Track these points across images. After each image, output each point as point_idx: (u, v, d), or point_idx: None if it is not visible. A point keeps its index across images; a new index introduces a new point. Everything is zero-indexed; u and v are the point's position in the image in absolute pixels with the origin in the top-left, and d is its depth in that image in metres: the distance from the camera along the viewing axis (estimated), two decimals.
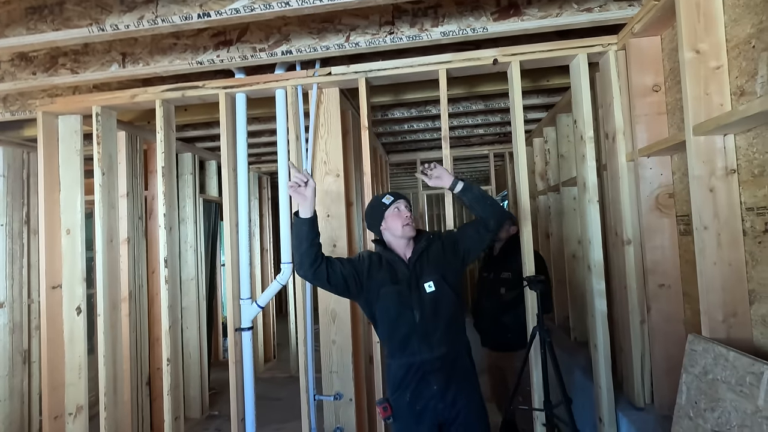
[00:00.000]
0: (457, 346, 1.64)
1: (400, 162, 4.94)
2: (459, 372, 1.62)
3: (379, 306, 1.63)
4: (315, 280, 1.60)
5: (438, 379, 1.59)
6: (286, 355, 5.01)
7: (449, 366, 1.60)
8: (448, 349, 1.61)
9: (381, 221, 1.69)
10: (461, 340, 1.67)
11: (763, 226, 1.31)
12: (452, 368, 1.61)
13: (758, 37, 1.28)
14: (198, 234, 3.71)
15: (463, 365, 1.64)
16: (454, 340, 1.63)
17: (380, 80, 2.21)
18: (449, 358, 1.61)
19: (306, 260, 1.54)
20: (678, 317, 1.79)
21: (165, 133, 2.29)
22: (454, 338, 1.63)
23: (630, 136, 1.91)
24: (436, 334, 1.60)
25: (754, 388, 1.14)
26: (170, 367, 2.23)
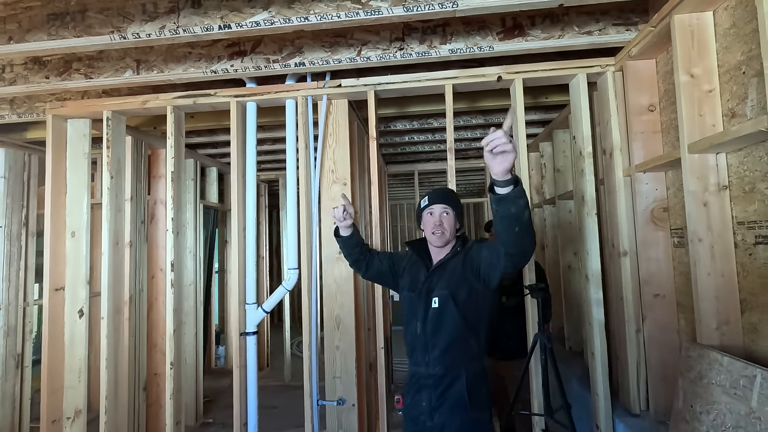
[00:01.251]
0: (456, 370, 1.50)
1: (397, 173, 5.02)
2: (451, 399, 1.49)
3: (401, 306, 1.69)
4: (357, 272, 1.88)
5: (428, 396, 1.52)
6: (279, 363, 4.99)
7: (443, 388, 1.50)
8: (445, 372, 1.51)
9: (420, 221, 1.66)
10: (464, 366, 1.50)
11: (754, 239, 1.40)
12: (445, 392, 1.50)
13: (748, 64, 1.38)
14: (198, 240, 3.73)
15: (458, 393, 1.48)
16: (453, 364, 1.50)
17: (388, 93, 2.29)
18: (444, 381, 1.50)
19: (349, 260, 1.83)
20: (672, 326, 1.87)
21: (175, 139, 2.33)
22: (453, 361, 1.50)
23: (626, 152, 2.01)
24: (433, 352, 1.52)
25: (747, 390, 1.21)
26: (173, 371, 2.24)
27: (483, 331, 1.53)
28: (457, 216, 1.62)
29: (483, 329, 1.53)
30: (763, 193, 1.35)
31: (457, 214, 1.62)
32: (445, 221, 1.58)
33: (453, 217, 1.60)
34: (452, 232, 1.60)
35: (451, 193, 1.68)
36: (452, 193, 1.68)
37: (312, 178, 2.28)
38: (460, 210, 1.64)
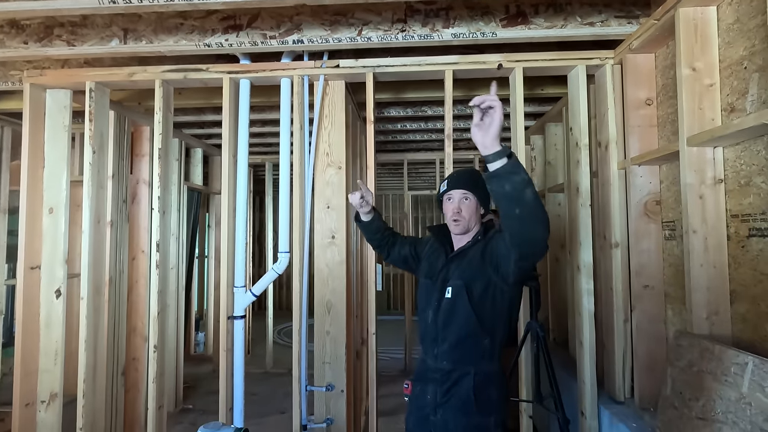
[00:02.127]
0: (464, 368, 1.42)
1: (386, 162, 4.98)
2: (456, 398, 1.41)
3: (417, 293, 1.64)
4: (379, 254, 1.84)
5: (434, 391, 1.45)
6: (261, 351, 4.94)
7: (449, 385, 1.43)
8: (453, 368, 1.43)
9: (441, 206, 1.57)
10: (474, 364, 1.42)
11: (747, 232, 1.43)
12: (450, 389, 1.42)
13: (750, 59, 1.40)
14: (181, 223, 3.62)
15: (464, 393, 1.40)
16: (462, 361, 1.43)
17: (387, 76, 2.25)
18: (451, 377, 1.43)
19: (372, 244, 1.85)
20: (660, 317, 1.91)
21: (164, 115, 2.24)
22: (462, 358, 1.43)
23: (622, 145, 2.03)
24: (443, 345, 1.45)
25: (738, 377, 1.25)
26: (157, 354, 2.17)
27: (500, 331, 1.43)
28: (481, 201, 1.50)
29: (500, 329, 1.43)
30: (758, 186, 1.38)
31: (480, 199, 1.50)
32: (465, 208, 1.47)
33: (475, 203, 1.48)
34: (474, 219, 1.49)
35: (473, 175, 1.53)
36: (475, 175, 1.52)
37: (306, 161, 2.23)
38: (483, 194, 1.49)
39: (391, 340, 5.55)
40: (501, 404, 1.44)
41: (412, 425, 1.53)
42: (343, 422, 2.17)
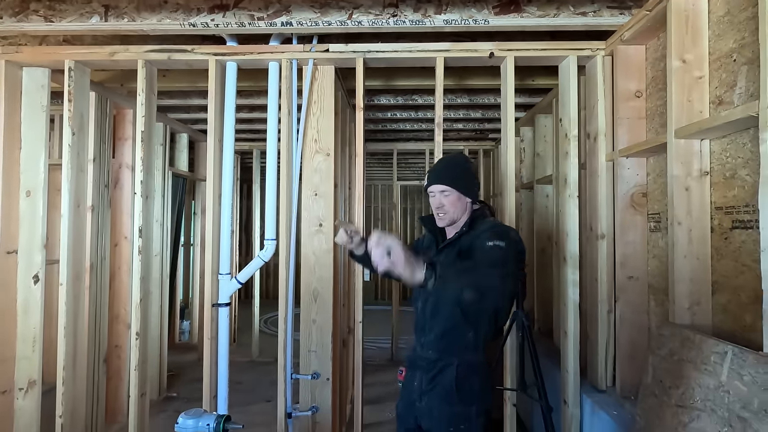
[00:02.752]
0: (448, 358, 1.44)
1: (375, 151, 4.94)
2: (440, 386, 1.43)
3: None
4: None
5: (420, 378, 1.48)
6: (246, 339, 4.91)
7: (434, 373, 1.45)
8: (438, 357, 1.45)
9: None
10: (457, 355, 1.43)
11: (730, 224, 1.45)
12: (435, 377, 1.44)
13: (740, 52, 1.41)
14: (165, 209, 3.55)
15: (447, 382, 1.42)
16: (446, 351, 1.45)
17: (377, 62, 2.21)
18: (436, 366, 1.45)
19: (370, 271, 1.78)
20: (643, 308, 1.94)
21: (146, 97, 2.17)
22: (447, 349, 1.45)
23: (611, 137, 2.04)
24: (429, 335, 1.48)
25: (717, 366, 1.27)
26: (139, 341, 2.13)
27: (484, 325, 1.44)
28: (465, 192, 1.46)
29: (485, 323, 1.44)
30: (743, 179, 1.39)
31: (463, 191, 1.46)
32: (447, 202, 1.46)
33: (456, 196, 1.46)
34: (460, 210, 1.47)
35: (453, 166, 1.50)
36: (455, 166, 1.50)
37: (294, 147, 2.19)
38: (465, 184, 1.47)
39: (379, 329, 5.57)
40: (483, 394, 1.46)
41: (401, 409, 1.57)
42: (329, 410, 2.17)
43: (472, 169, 1.56)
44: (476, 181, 1.54)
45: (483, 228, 1.42)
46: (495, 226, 1.43)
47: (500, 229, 1.42)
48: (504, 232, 1.38)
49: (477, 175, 1.53)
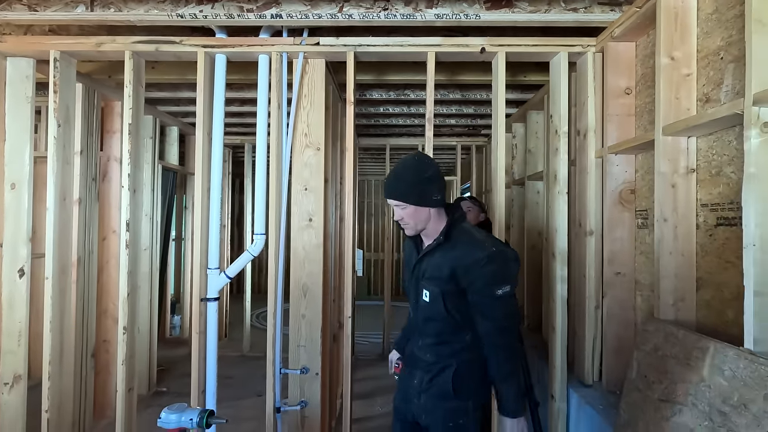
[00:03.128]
0: (447, 360, 1.44)
1: (368, 146, 4.93)
2: (437, 387, 1.44)
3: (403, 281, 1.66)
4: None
5: (420, 377, 1.48)
6: (238, 334, 4.90)
7: (432, 374, 1.45)
8: (436, 360, 1.45)
9: None
10: (456, 357, 1.43)
11: (715, 221, 1.46)
12: (434, 378, 1.44)
13: (726, 50, 1.41)
14: (155, 203, 3.52)
15: (444, 383, 1.42)
16: (444, 354, 1.45)
17: (368, 56, 2.20)
18: (435, 368, 1.45)
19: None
20: (629, 303, 1.96)
21: (134, 89, 2.14)
22: (445, 352, 1.45)
23: (600, 134, 2.04)
24: (426, 339, 1.49)
25: (699, 361, 1.28)
26: (126, 336, 2.12)
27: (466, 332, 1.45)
28: (417, 203, 1.38)
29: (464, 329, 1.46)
30: (728, 176, 1.40)
31: (415, 202, 1.38)
32: (405, 214, 1.40)
33: (412, 209, 1.39)
34: (423, 220, 1.42)
35: (401, 176, 1.40)
36: (403, 177, 1.39)
37: (284, 141, 2.18)
38: (417, 194, 1.37)
39: (371, 324, 5.58)
40: (481, 389, 1.48)
41: (398, 402, 1.58)
42: (318, 405, 2.17)
43: (427, 172, 1.40)
44: (434, 185, 1.40)
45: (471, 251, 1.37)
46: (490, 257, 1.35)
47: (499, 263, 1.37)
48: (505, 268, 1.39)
49: (436, 176, 1.41)
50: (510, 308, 1.38)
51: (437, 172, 1.43)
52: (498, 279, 1.36)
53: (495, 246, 1.41)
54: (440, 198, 1.42)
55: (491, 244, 1.42)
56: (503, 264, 1.39)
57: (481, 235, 1.46)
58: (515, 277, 1.43)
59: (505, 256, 1.41)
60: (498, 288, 1.35)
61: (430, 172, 1.41)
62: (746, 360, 1.13)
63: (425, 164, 1.43)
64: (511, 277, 1.40)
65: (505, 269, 1.39)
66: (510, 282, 1.38)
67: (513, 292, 1.39)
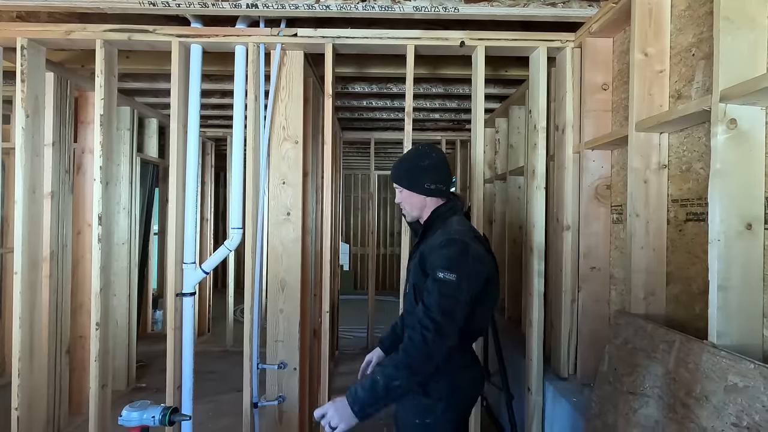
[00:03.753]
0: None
1: (353, 140, 4.90)
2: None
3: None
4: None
5: None
6: (221, 329, 4.86)
7: None
8: None
9: None
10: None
11: (684, 216, 1.48)
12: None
13: (698, 47, 1.43)
14: (133, 196, 3.45)
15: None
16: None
17: (347, 48, 2.17)
18: None
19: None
20: (604, 298, 1.98)
21: (105, 79, 2.08)
22: None
23: (578, 129, 2.05)
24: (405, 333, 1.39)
25: (666, 354, 1.31)
26: (99, 332, 2.08)
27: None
28: (407, 186, 1.43)
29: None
30: (698, 172, 1.42)
31: (406, 185, 1.43)
32: (402, 198, 1.46)
33: (407, 193, 1.44)
34: (416, 207, 1.44)
35: (403, 161, 1.49)
36: (404, 161, 1.48)
37: (261, 134, 2.14)
38: (409, 178, 1.43)
39: (356, 318, 5.58)
40: (457, 393, 1.40)
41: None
42: (296, 400, 2.17)
43: (424, 161, 1.43)
44: (427, 174, 1.42)
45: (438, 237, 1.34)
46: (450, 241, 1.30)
47: (455, 249, 1.28)
48: (459, 256, 1.28)
49: (432, 166, 1.43)
50: (446, 301, 1.23)
51: (436, 164, 1.44)
52: (446, 263, 1.26)
53: (462, 236, 1.33)
54: (435, 189, 1.43)
55: (460, 233, 1.34)
56: (459, 253, 1.28)
57: (462, 226, 1.39)
58: (468, 275, 1.27)
59: (465, 247, 1.30)
60: (441, 271, 1.25)
61: (428, 161, 1.44)
62: (708, 353, 1.15)
63: (425, 155, 1.46)
64: (461, 268, 1.26)
65: (458, 258, 1.27)
66: (457, 272, 1.24)
67: (458, 285, 1.24)
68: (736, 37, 1.17)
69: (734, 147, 1.17)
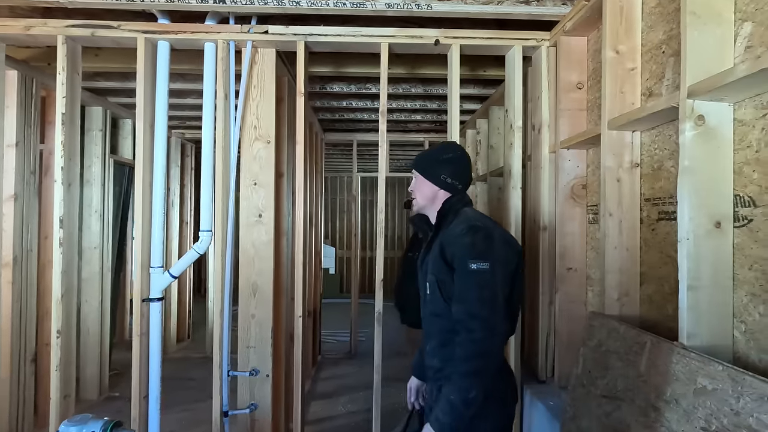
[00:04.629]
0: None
1: (336, 142, 4.85)
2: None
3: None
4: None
5: (431, 389, 1.35)
6: (201, 335, 4.75)
7: (439, 384, 1.27)
8: (441, 366, 1.29)
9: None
10: None
11: (657, 215, 1.46)
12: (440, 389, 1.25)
13: (668, 44, 1.41)
14: (106, 199, 3.35)
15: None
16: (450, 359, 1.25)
17: (320, 46, 2.13)
18: (441, 376, 1.28)
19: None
20: (581, 299, 1.96)
21: (68, 75, 2.00)
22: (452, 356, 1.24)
23: (554, 129, 2.03)
24: (431, 341, 1.34)
25: (638, 356, 1.28)
26: (61, 340, 1.99)
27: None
28: (422, 172, 1.38)
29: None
30: (669, 171, 1.40)
31: (421, 171, 1.38)
32: (415, 187, 1.42)
33: (420, 180, 1.39)
34: (427, 197, 1.38)
35: (424, 152, 1.47)
36: (426, 151, 1.47)
37: (232, 134, 2.08)
38: (425, 165, 1.39)
39: (340, 322, 5.52)
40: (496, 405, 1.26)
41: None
42: (269, 407, 2.10)
43: (446, 154, 1.40)
44: (445, 167, 1.36)
45: (457, 226, 1.27)
46: (472, 229, 1.24)
47: (480, 236, 1.22)
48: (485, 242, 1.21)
49: (453, 160, 1.39)
50: (485, 292, 1.17)
51: (458, 160, 1.39)
52: (474, 251, 1.19)
53: (482, 222, 1.28)
54: (450, 183, 1.37)
55: (479, 220, 1.30)
56: (484, 238, 1.22)
57: (477, 215, 1.36)
58: (499, 259, 1.21)
59: (489, 233, 1.24)
60: (472, 261, 1.18)
61: (450, 155, 1.40)
62: (678, 355, 1.12)
63: (449, 148, 1.44)
64: (491, 254, 1.20)
65: (485, 243, 1.21)
66: (488, 259, 1.19)
67: (492, 272, 1.18)
68: (703, 32, 1.15)
69: (702, 144, 1.15)
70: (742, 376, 0.93)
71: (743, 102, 1.12)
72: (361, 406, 3.29)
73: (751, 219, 1.10)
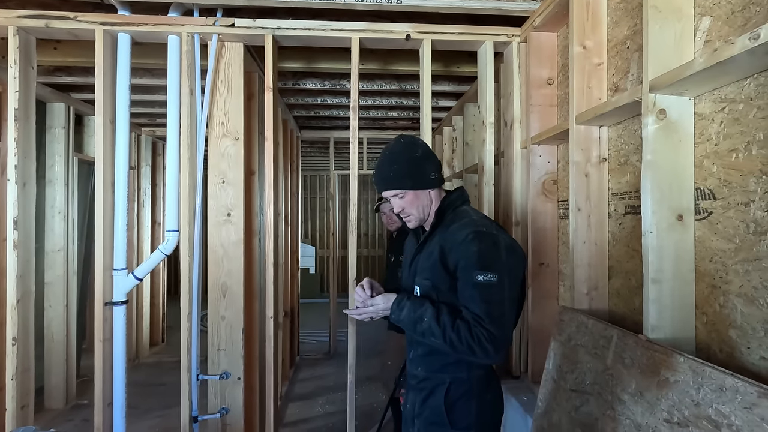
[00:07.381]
0: (439, 377, 1.22)
1: (313, 140, 4.79)
2: (429, 410, 1.22)
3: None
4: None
5: (413, 399, 1.28)
6: (177, 339, 4.60)
7: (424, 395, 1.24)
8: (427, 375, 1.25)
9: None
10: (450, 372, 1.21)
11: (624, 210, 1.47)
12: (426, 400, 1.23)
13: (632, 39, 1.42)
14: (70, 199, 3.21)
15: (436, 406, 1.21)
16: (436, 368, 1.23)
17: (289, 40, 2.07)
18: (426, 386, 1.24)
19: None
20: (553, 293, 1.97)
21: (21, 68, 1.90)
22: (437, 365, 1.23)
23: (525, 125, 2.04)
24: (417, 349, 1.28)
25: (605, 350, 1.28)
26: (17, 347, 1.89)
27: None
28: (416, 185, 1.24)
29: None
30: (634, 165, 1.41)
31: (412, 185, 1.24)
32: (407, 204, 1.25)
33: (412, 195, 1.25)
34: (425, 206, 1.27)
35: (392, 161, 1.25)
36: (395, 161, 1.25)
37: (198, 131, 2.01)
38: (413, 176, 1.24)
39: (320, 323, 5.46)
40: (486, 417, 1.22)
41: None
42: (240, 411, 2.05)
43: (417, 151, 1.27)
44: (428, 163, 1.27)
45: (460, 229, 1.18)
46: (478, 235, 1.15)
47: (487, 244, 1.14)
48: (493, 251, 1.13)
49: (428, 153, 1.30)
50: (493, 309, 1.09)
51: (428, 150, 1.30)
52: (480, 262, 1.12)
53: (487, 227, 1.18)
54: (437, 177, 1.29)
55: (484, 224, 1.20)
56: (491, 247, 1.14)
57: (479, 215, 1.27)
58: (507, 270, 1.14)
59: (495, 240, 1.16)
60: (479, 273, 1.11)
61: (421, 150, 1.28)
62: (643, 348, 1.12)
63: (412, 143, 1.29)
64: (498, 265, 1.12)
65: (491, 253, 1.13)
66: (496, 271, 1.11)
67: (501, 285, 1.11)
68: (664, 27, 1.16)
69: (664, 138, 1.16)
70: (702, 367, 0.94)
71: (703, 96, 1.14)
72: (339, 407, 3.26)
73: (711, 212, 1.11)
